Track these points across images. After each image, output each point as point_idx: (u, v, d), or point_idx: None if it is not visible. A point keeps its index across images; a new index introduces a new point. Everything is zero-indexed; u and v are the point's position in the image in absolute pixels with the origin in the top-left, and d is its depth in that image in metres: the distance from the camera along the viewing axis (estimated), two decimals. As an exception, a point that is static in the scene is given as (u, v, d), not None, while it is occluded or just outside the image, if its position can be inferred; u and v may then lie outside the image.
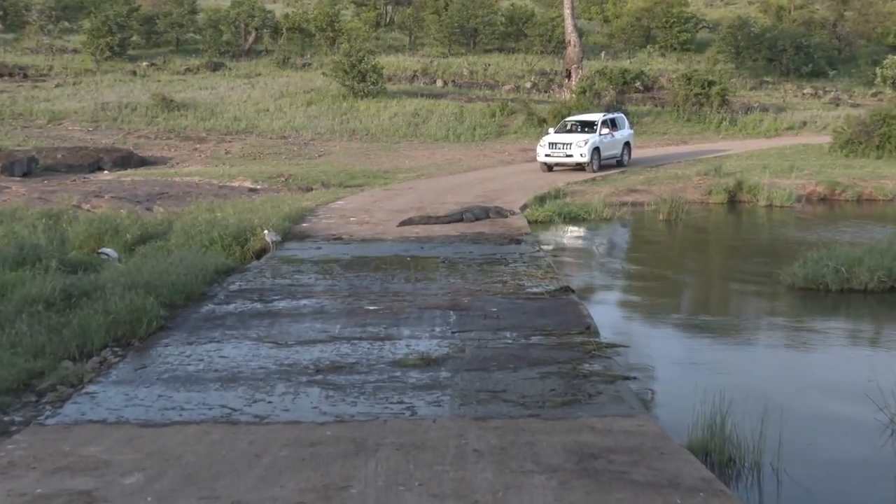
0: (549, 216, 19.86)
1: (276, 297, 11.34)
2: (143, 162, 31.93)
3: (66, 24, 53.73)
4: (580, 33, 43.64)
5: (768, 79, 49.51)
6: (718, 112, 40.03)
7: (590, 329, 9.50)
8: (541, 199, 21.80)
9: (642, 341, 10.38)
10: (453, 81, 47.89)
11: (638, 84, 45.54)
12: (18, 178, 26.62)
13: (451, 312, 10.36)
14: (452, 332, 9.48)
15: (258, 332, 9.65)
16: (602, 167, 27.99)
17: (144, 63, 49.21)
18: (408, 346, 8.97)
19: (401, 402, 7.23)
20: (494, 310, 10.46)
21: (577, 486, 5.50)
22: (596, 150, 27.65)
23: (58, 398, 7.56)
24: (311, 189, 25.04)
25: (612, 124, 29.01)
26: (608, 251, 17.37)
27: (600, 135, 27.99)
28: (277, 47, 51.70)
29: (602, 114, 30.10)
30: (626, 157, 29.27)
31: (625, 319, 11.74)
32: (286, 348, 8.94)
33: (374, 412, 7.00)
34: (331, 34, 51.69)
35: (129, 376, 8.09)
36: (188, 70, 48.34)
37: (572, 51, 42.54)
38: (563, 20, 45.26)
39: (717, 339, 10.65)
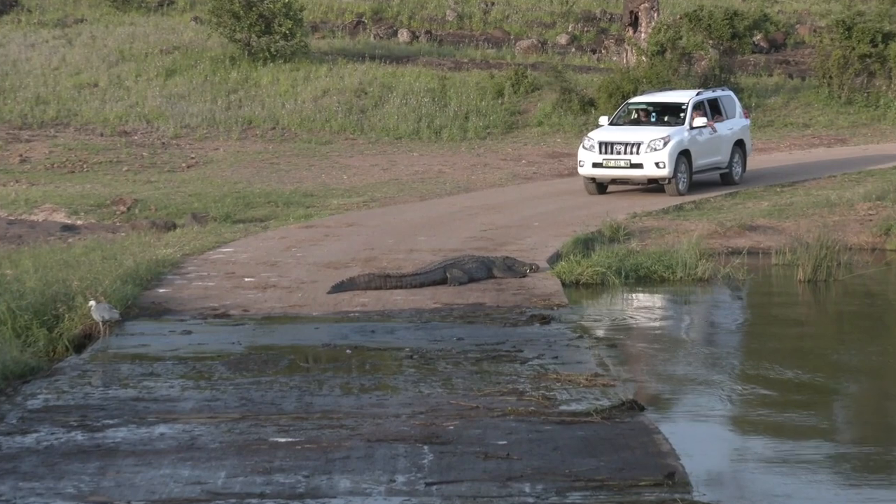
0: (600, 274, 19.94)
1: (112, 422, 11.50)
2: None
3: None
4: (655, -50, 44.15)
5: None
6: (901, 88, 40.62)
7: (674, 478, 9.63)
8: (585, 244, 21.76)
9: (770, 501, 10.30)
10: (428, 34, 48.00)
11: (757, 38, 45.64)
12: None
13: (425, 448, 10.55)
14: (427, 485, 9.62)
15: (78, 484, 9.67)
16: (694, 186, 28.00)
17: None
18: (347, 509, 9.05)
19: None
20: (502, 443, 10.62)
21: None
22: (683, 155, 27.71)
23: None
24: (175, 227, 24.92)
25: (713, 109, 29.08)
26: (706, 338, 17.32)
27: (691, 128, 28.02)
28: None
29: (694, 91, 30.21)
30: (736, 168, 29.43)
31: (737, 461, 11.68)
32: (129, 514, 8.99)
33: None
34: (210, -50, 52.01)
35: None
36: (-49, 13, 48.41)
37: (641, -20, 43.50)
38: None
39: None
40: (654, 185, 27.84)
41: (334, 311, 16.95)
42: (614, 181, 28.15)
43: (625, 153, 27.38)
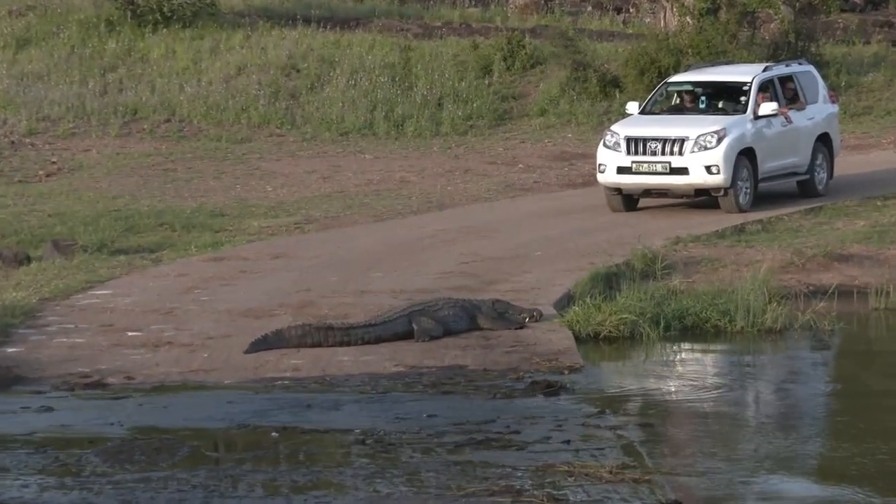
0: (630, 323, 19.51)
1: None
2: None
3: None
4: None
5: None
6: None
7: None
8: (607, 281, 21.53)
9: None
10: (386, -11, 48.16)
11: (845, -6, 45.11)
12: None
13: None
14: None
15: None
16: (760, 198, 27.42)
17: None
18: None
19: None
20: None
21: None
22: (745, 155, 26.93)
23: None
24: (29, 259, 24.44)
25: (787, 91, 28.49)
26: (779, 415, 17.05)
27: (756, 118, 27.31)
28: None
29: (761, 66, 29.65)
30: (820, 173, 28.78)
31: None
32: None
33: None
34: None
35: None
36: None
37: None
38: None
39: None
40: (704, 198, 27.21)
41: (255, 378, 16.72)
42: (648, 192, 27.36)
43: (663, 153, 26.72)
